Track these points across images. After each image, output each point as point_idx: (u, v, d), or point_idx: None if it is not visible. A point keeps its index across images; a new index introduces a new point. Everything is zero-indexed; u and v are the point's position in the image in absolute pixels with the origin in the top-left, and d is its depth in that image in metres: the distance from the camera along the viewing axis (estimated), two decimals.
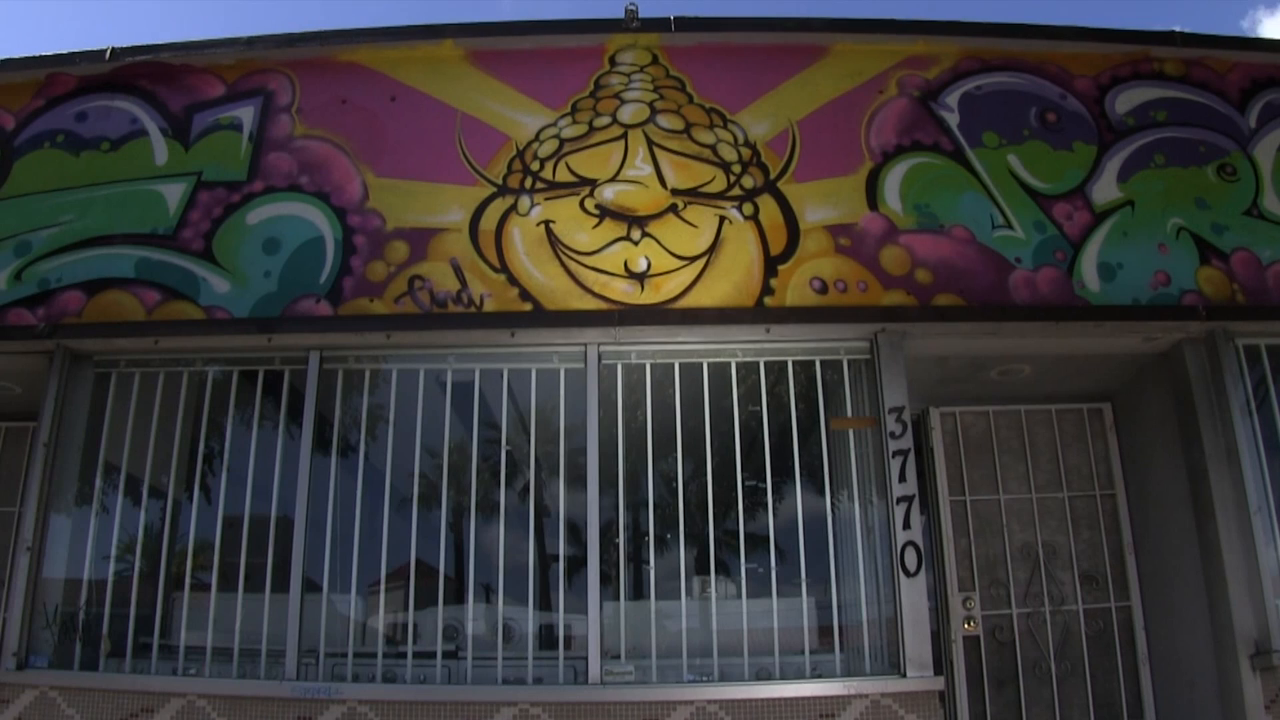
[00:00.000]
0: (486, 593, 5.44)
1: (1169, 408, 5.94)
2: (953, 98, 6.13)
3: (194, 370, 5.80)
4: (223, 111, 6.13)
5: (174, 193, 5.93)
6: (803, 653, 5.29)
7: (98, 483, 5.66)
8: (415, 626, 5.40)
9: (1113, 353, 5.99)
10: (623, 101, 6.02)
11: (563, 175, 5.83)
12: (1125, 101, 6.22)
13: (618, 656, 5.23)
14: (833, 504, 5.49)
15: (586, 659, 5.08)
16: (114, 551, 5.59)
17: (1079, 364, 6.14)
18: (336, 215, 5.77)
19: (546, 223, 5.72)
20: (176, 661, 5.33)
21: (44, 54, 6.33)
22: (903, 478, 5.28)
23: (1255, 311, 5.76)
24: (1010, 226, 5.80)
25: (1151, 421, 6.20)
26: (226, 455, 5.70)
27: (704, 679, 5.13)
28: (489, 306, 5.54)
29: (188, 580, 5.52)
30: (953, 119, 6.07)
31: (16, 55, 6.36)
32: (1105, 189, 5.96)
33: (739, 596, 5.36)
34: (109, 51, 6.25)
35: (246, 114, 6.09)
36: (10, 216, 5.94)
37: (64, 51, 6.32)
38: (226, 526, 5.53)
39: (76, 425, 5.66)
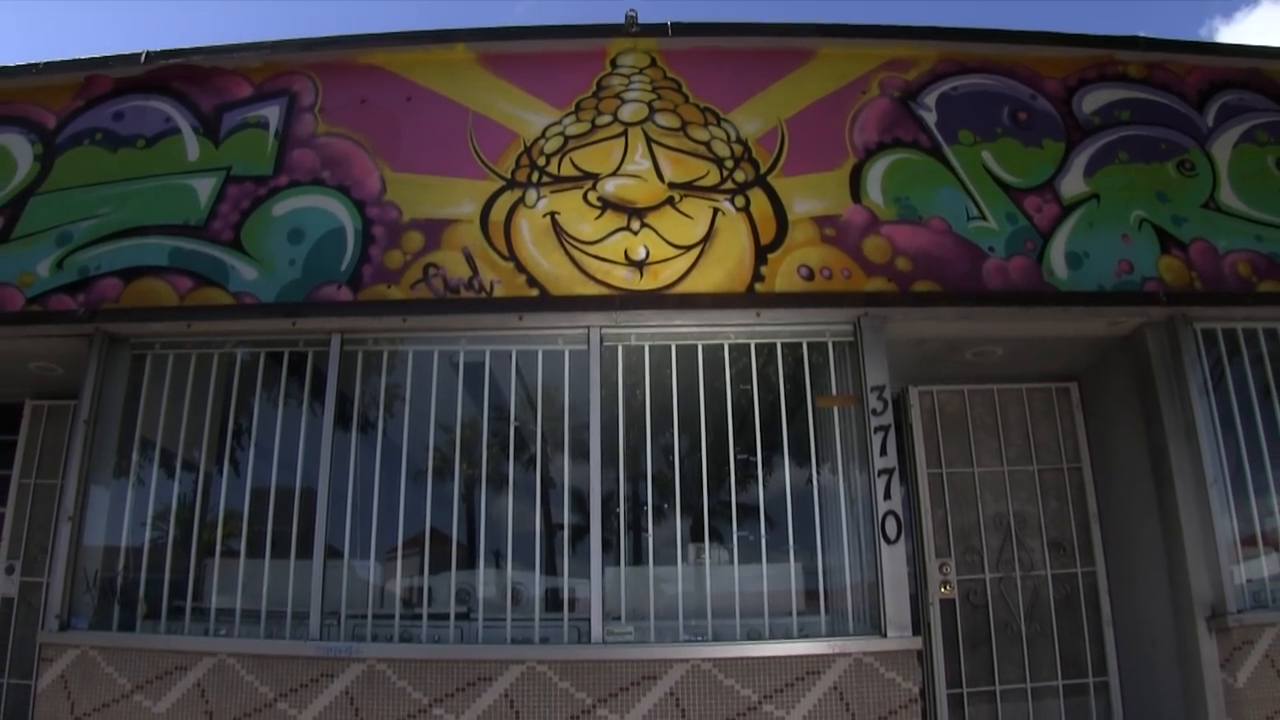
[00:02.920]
0: (496, 558, 5.41)
1: (1132, 387, 5.90)
2: (931, 98, 6.09)
3: (224, 352, 5.75)
4: (250, 111, 6.08)
5: (205, 187, 5.88)
6: (790, 614, 5.24)
7: (134, 457, 5.63)
8: (430, 590, 5.38)
9: (1079, 336, 5.94)
10: (623, 101, 5.98)
11: (567, 170, 5.78)
12: (1091, 102, 6.20)
13: (618, 618, 5.20)
14: (818, 476, 5.46)
15: (589, 620, 5.06)
16: (149, 521, 5.56)
17: (1048, 346, 6.09)
18: (356, 207, 5.73)
19: (552, 214, 5.67)
20: (208, 623, 5.31)
21: (83, 57, 6.30)
22: (884, 452, 5.24)
23: (1212, 298, 5.72)
24: (984, 218, 5.76)
25: (1115, 400, 6.15)
26: (254, 431, 5.64)
27: (698, 639, 5.10)
28: (498, 292, 5.50)
29: (218, 547, 5.49)
30: (931, 118, 6.03)
31: (58, 59, 6.32)
32: (1072, 183, 5.92)
33: (731, 562, 5.36)
34: (144, 55, 6.22)
35: (272, 113, 6.05)
36: (52, 209, 5.90)
37: (102, 55, 6.29)
38: (254, 497, 5.51)
39: (114, 403, 5.63)
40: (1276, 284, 5.78)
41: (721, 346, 5.58)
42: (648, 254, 5.57)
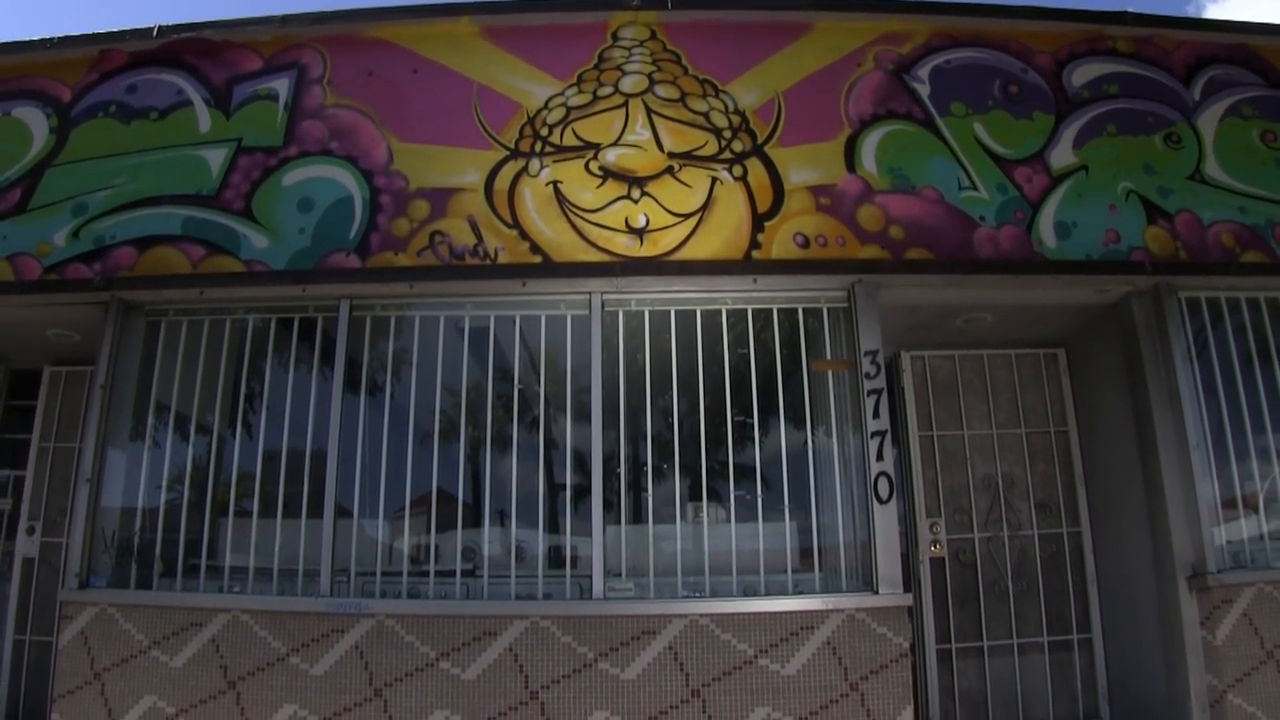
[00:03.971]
0: (501, 517, 5.37)
1: (1117, 354, 5.86)
2: (924, 71, 6.00)
3: (236, 318, 5.71)
4: (260, 83, 5.99)
5: (216, 157, 5.81)
6: (785, 572, 5.23)
7: (150, 420, 5.59)
8: (437, 548, 5.35)
9: (1067, 303, 5.89)
10: (624, 73, 5.89)
11: (569, 140, 5.71)
12: (1081, 75, 6.11)
13: (619, 574, 5.18)
14: (813, 438, 5.42)
15: (591, 577, 5.05)
16: (165, 482, 5.54)
17: (1036, 313, 6.04)
18: (364, 177, 5.66)
19: (554, 183, 5.60)
20: (222, 580, 5.29)
21: (97, 32, 6.21)
22: (876, 414, 5.21)
23: (1196, 267, 5.66)
24: (975, 188, 5.70)
25: (1101, 366, 6.11)
26: (265, 395, 5.59)
27: (696, 595, 5.08)
28: (502, 259, 5.44)
29: (231, 508, 5.48)
30: (924, 90, 5.94)
31: (72, 33, 6.24)
32: (1062, 155, 5.85)
33: (728, 521, 5.32)
34: (156, 29, 6.14)
35: (282, 85, 5.96)
36: (68, 180, 5.84)
37: (115, 29, 6.20)
38: (266, 459, 5.48)
39: (130, 369, 5.60)
40: (1259, 254, 5.73)
41: (719, 312, 5.53)
42: (648, 222, 5.50)
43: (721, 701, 4.80)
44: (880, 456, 5.14)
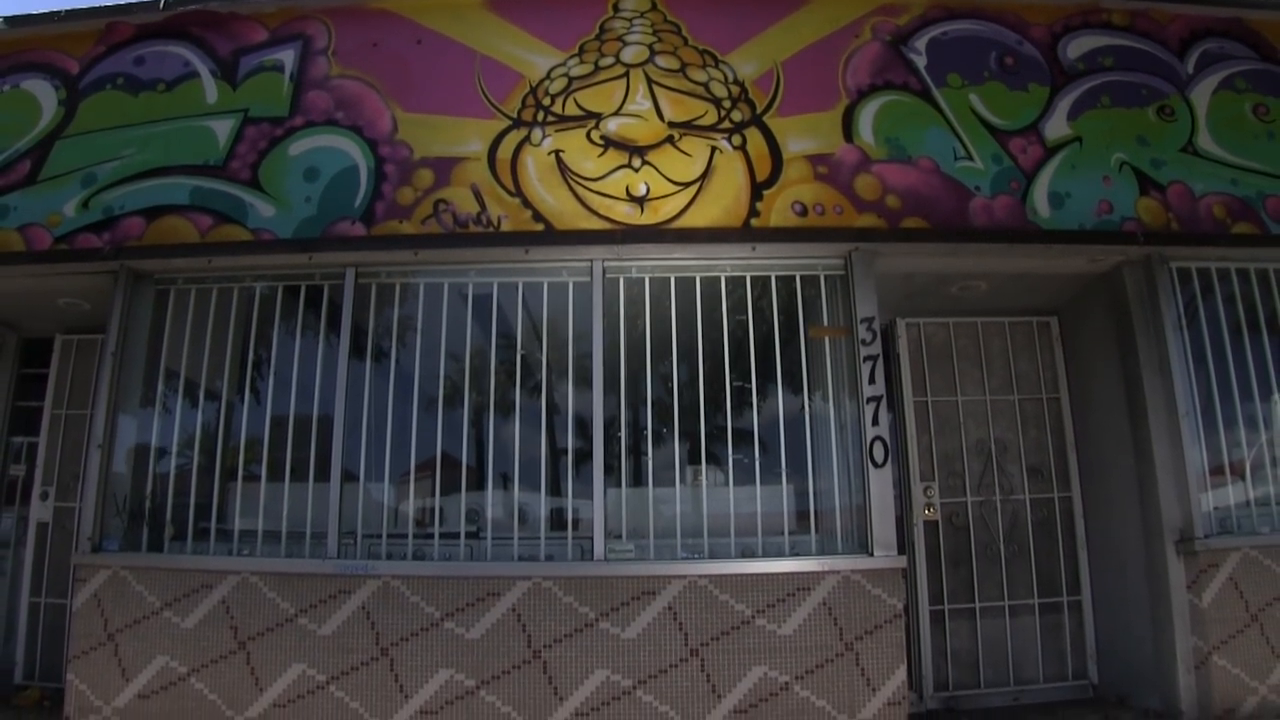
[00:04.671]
0: (504, 481, 5.35)
1: (1109, 322, 5.84)
2: (921, 42, 5.94)
3: (243, 286, 5.67)
4: (266, 54, 5.93)
5: (223, 128, 5.77)
6: (782, 534, 5.22)
7: (159, 387, 5.57)
8: (441, 510, 5.35)
9: (1060, 272, 5.85)
10: (625, 44, 5.83)
11: (571, 110, 5.66)
12: (1076, 48, 6.05)
13: (619, 536, 5.17)
14: (810, 403, 5.41)
15: (592, 538, 5.04)
16: (175, 448, 5.53)
17: (1030, 282, 6.01)
18: (369, 146, 5.62)
19: (556, 152, 5.56)
20: (232, 543, 5.29)
21: (104, 5, 6.14)
22: (872, 380, 5.19)
23: (1188, 238, 5.64)
24: (971, 158, 5.66)
25: (1093, 334, 6.08)
26: (273, 362, 5.60)
27: (695, 556, 5.08)
28: (505, 227, 5.41)
29: (240, 472, 5.47)
30: (921, 61, 5.88)
31: (80, 6, 6.17)
32: (1056, 126, 5.80)
33: (726, 484, 5.29)
34: (163, 2, 6.07)
35: (288, 56, 5.91)
36: (77, 152, 5.81)
37: (122, 2, 6.13)
38: (274, 425, 5.45)
39: (140, 337, 5.58)
40: (1250, 226, 5.71)
41: (719, 279, 5.50)
42: (648, 190, 5.46)
43: (719, 660, 4.81)
44: (876, 421, 5.12)
